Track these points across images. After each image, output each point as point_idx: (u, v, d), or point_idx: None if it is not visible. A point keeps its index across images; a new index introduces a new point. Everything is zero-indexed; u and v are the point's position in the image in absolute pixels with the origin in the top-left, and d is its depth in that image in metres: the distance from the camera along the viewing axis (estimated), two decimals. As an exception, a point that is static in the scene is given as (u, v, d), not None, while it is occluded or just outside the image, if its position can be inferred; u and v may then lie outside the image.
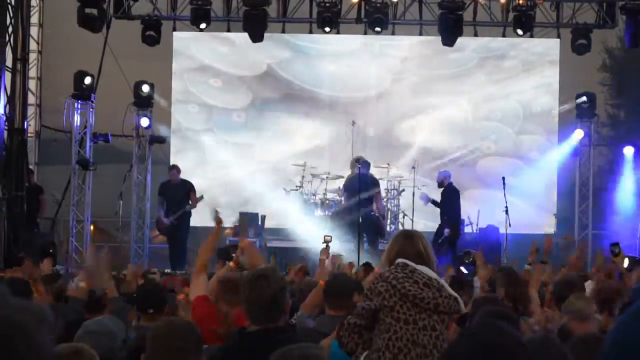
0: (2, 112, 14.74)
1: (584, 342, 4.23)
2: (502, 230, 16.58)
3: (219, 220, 6.57)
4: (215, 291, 6.37)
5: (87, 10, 16.93)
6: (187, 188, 16.54)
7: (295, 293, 7.37)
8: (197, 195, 16.42)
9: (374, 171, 17.24)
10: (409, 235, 5.29)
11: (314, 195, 17.13)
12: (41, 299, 7.11)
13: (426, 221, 17.85)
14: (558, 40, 18.66)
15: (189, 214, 16.50)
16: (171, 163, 17.84)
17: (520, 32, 17.39)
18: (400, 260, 5.09)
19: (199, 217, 16.51)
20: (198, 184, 16.87)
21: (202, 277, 6.33)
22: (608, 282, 7.81)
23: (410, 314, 4.95)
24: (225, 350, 4.74)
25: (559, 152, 18.49)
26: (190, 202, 16.36)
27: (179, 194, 16.42)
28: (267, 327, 4.53)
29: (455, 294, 5.00)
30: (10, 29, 15.15)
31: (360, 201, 15.64)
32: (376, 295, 5.01)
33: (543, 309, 6.88)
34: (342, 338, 5.05)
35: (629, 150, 17.93)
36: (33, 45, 18.10)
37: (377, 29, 17.25)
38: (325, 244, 9.01)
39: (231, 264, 7.42)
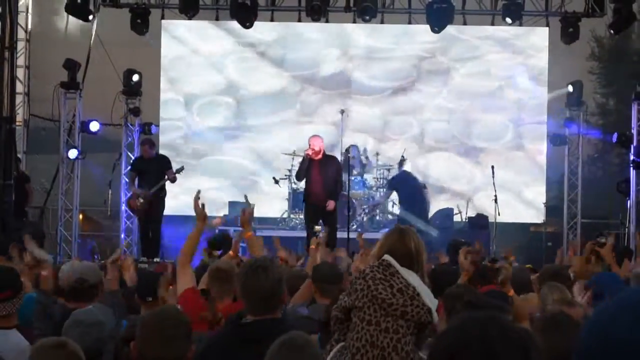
0: (-10, 100, 14.68)
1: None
2: (491, 220, 16.61)
3: (203, 215, 6.49)
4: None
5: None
6: (163, 163, 15.47)
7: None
8: (178, 167, 15.47)
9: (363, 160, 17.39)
10: (402, 234, 5.17)
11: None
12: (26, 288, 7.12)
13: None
14: (547, 29, 18.68)
15: (165, 195, 15.58)
16: (160, 152, 17.79)
17: (509, 20, 17.39)
18: (386, 258, 5.01)
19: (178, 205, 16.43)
20: (186, 172, 16.75)
21: (188, 269, 6.30)
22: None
23: (375, 315, 4.87)
24: (221, 340, 4.71)
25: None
26: (166, 177, 15.24)
27: (153, 169, 15.27)
28: (265, 318, 4.53)
29: (430, 305, 4.89)
30: (-3, 17, 15.09)
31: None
32: (354, 291, 4.98)
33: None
34: (334, 334, 5.05)
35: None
36: (21, 34, 18.02)
37: (366, 17, 17.21)
38: (315, 234, 9.02)
39: (230, 252, 7.41)
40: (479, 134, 19.18)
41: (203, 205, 6.52)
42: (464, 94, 19.23)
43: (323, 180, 14.12)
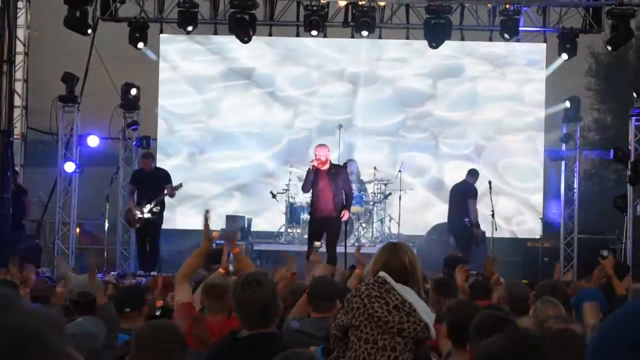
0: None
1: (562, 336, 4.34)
2: (488, 235, 16.60)
3: (209, 236, 6.53)
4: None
5: (74, 12, 16.89)
6: (163, 177, 15.66)
7: (287, 298, 7.25)
8: (176, 184, 15.60)
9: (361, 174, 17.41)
10: (395, 249, 5.17)
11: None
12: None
13: (412, 225, 17.90)
14: (544, 44, 18.71)
15: (163, 209, 15.76)
16: (158, 158, 17.81)
17: (506, 36, 17.43)
18: (381, 274, 5.02)
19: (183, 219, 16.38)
20: (184, 185, 16.70)
21: (185, 284, 6.30)
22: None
23: (372, 333, 4.88)
24: (216, 355, 4.70)
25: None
26: (165, 191, 15.45)
27: (152, 183, 15.50)
28: (259, 332, 4.51)
29: (427, 321, 4.90)
30: (-4, 31, 15.14)
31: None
32: (350, 310, 4.98)
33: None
34: (334, 351, 5.05)
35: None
36: (19, 47, 18.06)
37: (364, 32, 17.23)
38: (315, 250, 9.00)
39: (220, 270, 7.41)
40: (477, 149, 19.18)
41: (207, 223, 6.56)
42: (467, 118, 19.24)
43: (332, 191, 13.63)
